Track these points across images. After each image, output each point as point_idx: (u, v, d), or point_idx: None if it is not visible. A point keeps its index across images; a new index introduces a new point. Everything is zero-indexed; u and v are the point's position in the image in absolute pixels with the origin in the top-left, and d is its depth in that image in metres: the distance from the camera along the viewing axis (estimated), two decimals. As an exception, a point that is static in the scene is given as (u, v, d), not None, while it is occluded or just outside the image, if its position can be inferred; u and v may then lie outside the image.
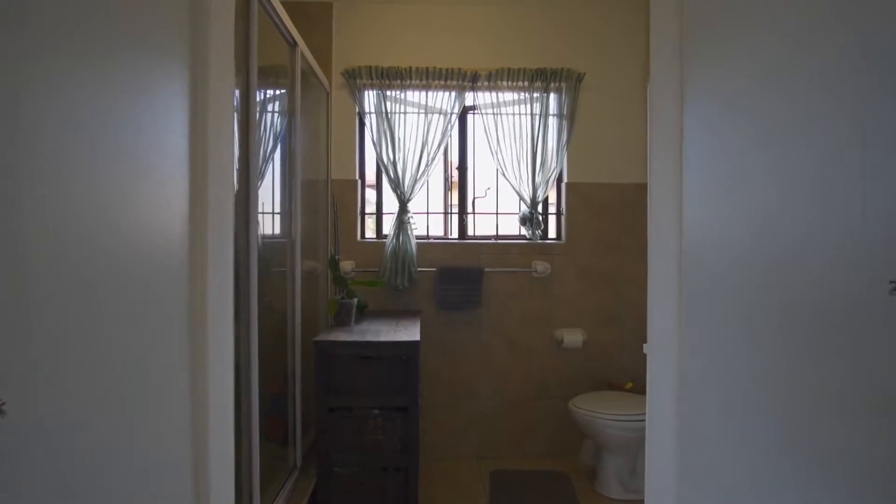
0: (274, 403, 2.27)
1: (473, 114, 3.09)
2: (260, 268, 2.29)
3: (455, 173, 3.13)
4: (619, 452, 2.56)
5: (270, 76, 2.25)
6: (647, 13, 1.21)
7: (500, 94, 2.97)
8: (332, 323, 2.43)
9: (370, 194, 3.17)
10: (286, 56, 2.28)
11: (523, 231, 3.03)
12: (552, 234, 3.17)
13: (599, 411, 2.50)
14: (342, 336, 2.17)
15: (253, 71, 1.73)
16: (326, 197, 2.87)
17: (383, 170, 2.90)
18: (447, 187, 3.15)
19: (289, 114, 2.33)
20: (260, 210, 2.07)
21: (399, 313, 2.81)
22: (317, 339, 2.12)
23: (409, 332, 2.25)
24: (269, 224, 2.15)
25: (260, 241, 2.19)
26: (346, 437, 2.07)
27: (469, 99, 3.00)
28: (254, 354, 1.71)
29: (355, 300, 2.46)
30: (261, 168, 2.17)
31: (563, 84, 2.96)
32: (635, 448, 2.52)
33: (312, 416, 2.36)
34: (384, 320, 2.58)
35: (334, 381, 2.08)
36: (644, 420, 2.50)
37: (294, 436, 2.26)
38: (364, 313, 2.64)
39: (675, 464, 1.12)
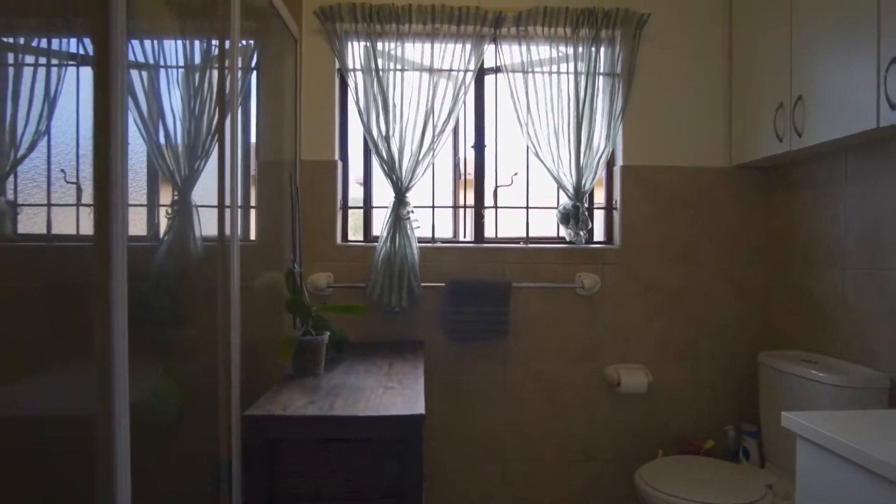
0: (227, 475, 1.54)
1: (496, 73, 2.28)
2: (189, 283, 1.62)
3: (470, 153, 2.32)
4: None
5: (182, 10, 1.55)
6: None
7: (532, 46, 2.16)
8: (291, 373, 1.61)
9: (356, 181, 2.36)
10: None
11: (563, 232, 2.22)
12: (601, 235, 2.36)
13: (688, 498, 1.70)
14: (296, 404, 1.33)
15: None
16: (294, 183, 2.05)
17: (373, 148, 2.10)
18: (459, 174, 2.34)
19: (220, 66, 1.57)
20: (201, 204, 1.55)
21: (393, 348, 2.00)
22: (249, 412, 1.29)
23: (408, 395, 1.43)
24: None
25: (199, 245, 1.59)
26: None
27: (490, 54, 2.20)
28: (121, 418, 0.96)
29: (326, 335, 1.64)
30: (205, 144, 1.60)
31: (618, 31, 2.17)
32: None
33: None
34: (371, 363, 1.76)
35: (282, 483, 1.27)
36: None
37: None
38: (342, 351, 1.83)
39: None
